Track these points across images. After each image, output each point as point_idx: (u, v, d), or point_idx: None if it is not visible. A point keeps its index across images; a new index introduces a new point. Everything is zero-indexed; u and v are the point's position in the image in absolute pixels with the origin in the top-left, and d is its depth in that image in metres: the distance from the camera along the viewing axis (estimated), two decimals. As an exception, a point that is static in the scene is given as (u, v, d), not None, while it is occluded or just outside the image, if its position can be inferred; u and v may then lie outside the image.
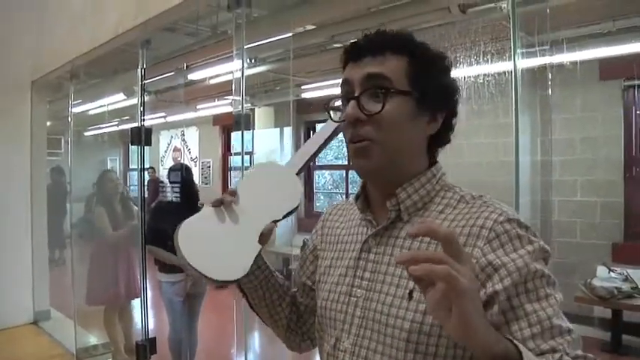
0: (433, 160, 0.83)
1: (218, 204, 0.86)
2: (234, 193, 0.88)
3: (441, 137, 0.82)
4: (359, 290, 0.81)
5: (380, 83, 0.75)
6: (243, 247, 0.85)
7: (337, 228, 0.94)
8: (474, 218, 0.74)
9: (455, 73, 0.84)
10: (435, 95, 0.78)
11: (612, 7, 3.35)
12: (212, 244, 0.84)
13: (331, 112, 0.86)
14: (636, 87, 4.32)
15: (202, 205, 0.87)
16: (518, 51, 1.39)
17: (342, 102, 0.81)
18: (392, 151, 0.77)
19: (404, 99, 0.76)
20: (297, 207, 0.90)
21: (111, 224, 3.69)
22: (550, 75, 3.57)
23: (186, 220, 0.86)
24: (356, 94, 0.76)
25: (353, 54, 0.79)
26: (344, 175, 7.10)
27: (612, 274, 3.89)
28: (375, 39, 0.79)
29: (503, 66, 3.02)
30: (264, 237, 0.87)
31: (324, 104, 0.86)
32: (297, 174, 0.91)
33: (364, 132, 0.76)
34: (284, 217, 0.88)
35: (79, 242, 4.07)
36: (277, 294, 0.96)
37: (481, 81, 3.47)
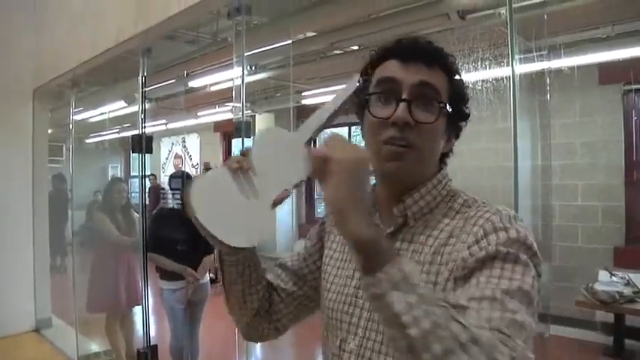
0: (439, 167, 0.86)
1: (235, 168, 0.78)
2: (248, 153, 0.81)
3: (446, 155, 0.87)
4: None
5: (433, 95, 0.78)
6: (258, 213, 0.80)
7: None
8: (472, 219, 0.76)
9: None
10: (458, 120, 0.84)
11: (611, 11, 3.36)
12: (226, 207, 0.78)
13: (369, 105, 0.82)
14: (635, 91, 4.33)
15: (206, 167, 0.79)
16: (516, 56, 1.40)
17: (379, 98, 0.80)
18: (423, 160, 0.80)
19: (445, 115, 0.79)
20: (306, 179, 0.84)
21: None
22: (548, 80, 3.58)
23: (200, 178, 0.80)
24: (405, 97, 0.77)
25: (403, 54, 0.79)
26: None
27: (614, 279, 3.88)
28: (429, 48, 0.80)
29: (502, 72, 3.03)
30: (275, 205, 0.83)
31: (369, 92, 0.82)
32: (307, 143, 0.85)
33: (411, 138, 0.76)
34: (294, 186, 0.83)
35: (80, 250, 4.07)
36: (256, 274, 0.91)
37: (480, 87, 3.48)
